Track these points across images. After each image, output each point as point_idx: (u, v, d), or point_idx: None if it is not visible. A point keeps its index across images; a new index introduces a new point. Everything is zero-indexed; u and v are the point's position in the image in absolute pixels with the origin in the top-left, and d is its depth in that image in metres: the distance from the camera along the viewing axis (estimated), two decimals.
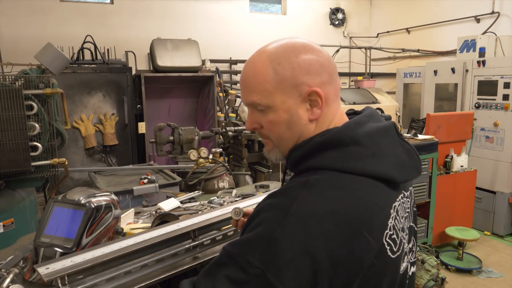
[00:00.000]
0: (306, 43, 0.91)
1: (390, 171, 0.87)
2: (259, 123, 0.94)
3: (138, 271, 1.20)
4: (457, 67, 5.08)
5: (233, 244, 0.82)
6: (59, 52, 2.98)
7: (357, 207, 0.80)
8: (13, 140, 2.57)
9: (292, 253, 0.75)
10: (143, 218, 1.92)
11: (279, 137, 0.93)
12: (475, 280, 3.72)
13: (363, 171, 0.84)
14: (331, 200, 0.80)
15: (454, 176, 4.32)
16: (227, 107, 5.96)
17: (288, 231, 0.76)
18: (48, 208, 1.32)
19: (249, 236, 0.80)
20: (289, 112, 0.89)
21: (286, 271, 0.74)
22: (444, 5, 6.49)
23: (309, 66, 0.87)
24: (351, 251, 0.77)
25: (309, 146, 0.88)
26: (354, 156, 0.84)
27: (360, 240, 0.79)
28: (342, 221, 0.78)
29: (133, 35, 6.04)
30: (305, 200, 0.79)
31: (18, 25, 5.38)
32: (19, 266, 1.26)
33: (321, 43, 6.76)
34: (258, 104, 0.90)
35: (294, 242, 0.75)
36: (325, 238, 0.76)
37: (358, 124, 0.89)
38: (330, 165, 0.84)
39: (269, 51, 0.90)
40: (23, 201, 2.85)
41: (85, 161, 4.71)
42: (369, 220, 0.81)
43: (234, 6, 6.90)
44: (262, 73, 0.88)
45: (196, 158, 2.90)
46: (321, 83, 0.88)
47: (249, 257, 0.77)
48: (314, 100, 0.88)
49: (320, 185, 0.82)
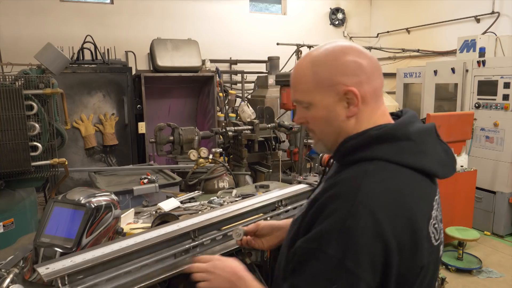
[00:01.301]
0: (346, 46, 0.98)
1: (435, 167, 0.96)
2: (305, 118, 1.04)
3: (138, 271, 1.20)
4: (457, 67, 5.07)
5: (308, 240, 0.89)
6: (59, 52, 2.98)
7: (412, 196, 0.90)
8: (13, 140, 2.57)
9: (365, 239, 0.82)
10: (143, 218, 1.92)
11: (321, 131, 1.03)
12: (475, 280, 3.72)
13: (413, 165, 0.92)
14: (391, 188, 0.88)
15: (454, 176, 4.23)
16: (227, 107, 5.96)
17: (358, 219, 0.83)
18: (48, 208, 1.32)
19: (321, 229, 0.87)
20: (327, 109, 0.98)
21: (362, 256, 0.82)
22: (444, 5, 6.48)
23: (346, 68, 0.95)
24: (412, 236, 0.87)
25: (364, 138, 0.95)
26: (406, 151, 0.93)
27: (417, 226, 0.88)
28: (403, 208, 0.87)
29: (133, 35, 6.04)
30: (369, 188, 0.86)
31: (18, 25, 5.38)
32: (19, 266, 1.26)
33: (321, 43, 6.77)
34: (302, 102, 1.01)
35: (366, 228, 0.82)
36: (391, 223, 0.84)
37: (409, 123, 0.97)
38: (384, 156, 0.92)
39: (312, 55, 1.00)
40: (23, 201, 2.85)
41: (85, 161, 4.71)
42: (422, 209, 0.91)
43: (234, 6, 6.90)
44: (304, 75, 0.99)
45: (196, 158, 2.90)
46: (358, 82, 0.95)
47: (326, 248, 0.84)
48: (351, 99, 0.95)
49: (380, 174, 0.89)
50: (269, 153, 4.48)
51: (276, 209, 1.70)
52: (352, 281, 0.82)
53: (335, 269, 0.83)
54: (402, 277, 0.86)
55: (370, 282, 0.83)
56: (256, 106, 5.00)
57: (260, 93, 5.98)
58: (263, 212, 1.66)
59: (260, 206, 1.63)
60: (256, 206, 1.62)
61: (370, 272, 0.83)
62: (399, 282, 0.86)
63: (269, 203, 1.67)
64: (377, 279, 0.84)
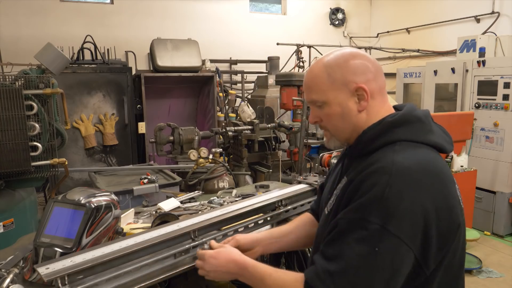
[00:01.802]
0: (353, 51, 1.13)
1: (442, 143, 1.09)
2: (319, 117, 1.15)
3: (138, 271, 1.20)
4: (457, 67, 5.07)
5: (348, 211, 0.98)
6: (59, 52, 2.98)
7: (438, 165, 1.02)
8: (13, 140, 2.56)
9: (404, 206, 0.91)
10: (143, 218, 1.92)
11: (335, 127, 1.13)
12: (475, 280, 3.72)
13: (428, 141, 1.06)
14: (420, 161, 0.99)
15: (454, 176, 4.31)
16: (227, 107, 5.96)
17: (396, 189, 0.92)
18: (48, 208, 1.32)
19: (362, 201, 0.95)
20: (341, 106, 1.09)
21: (402, 221, 0.91)
22: (444, 5, 6.48)
23: (355, 68, 1.08)
24: (446, 199, 0.98)
25: (382, 125, 1.07)
26: (420, 130, 1.07)
27: (449, 190, 1.00)
28: (435, 176, 0.99)
29: (133, 35, 6.04)
30: (401, 162, 0.97)
31: (18, 25, 5.38)
32: (19, 266, 1.26)
33: (321, 43, 6.79)
34: (316, 101, 1.12)
35: (404, 196, 0.92)
36: (427, 190, 0.95)
37: (414, 109, 1.11)
38: (403, 137, 1.04)
39: (324, 60, 1.12)
40: (23, 201, 2.85)
41: (85, 161, 4.71)
42: (448, 175, 1.04)
43: (234, 6, 6.90)
44: (319, 77, 1.11)
45: (196, 158, 2.90)
46: (366, 80, 1.08)
47: (368, 217, 0.92)
48: (361, 94, 1.08)
49: (407, 150, 1.01)
50: (269, 153, 4.48)
51: (276, 209, 1.70)
52: (394, 243, 0.90)
53: (378, 233, 0.90)
54: (443, 236, 0.95)
55: (410, 244, 0.91)
56: (256, 106, 5.00)
57: (260, 93, 5.98)
58: (263, 212, 1.66)
59: (260, 206, 1.63)
60: (256, 206, 1.62)
61: (410, 235, 0.91)
62: (440, 241, 0.95)
63: (269, 203, 1.67)
64: (417, 241, 0.92)
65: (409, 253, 0.92)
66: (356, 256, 0.91)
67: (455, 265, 1.03)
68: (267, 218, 1.65)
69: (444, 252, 0.97)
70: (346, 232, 0.95)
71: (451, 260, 1.00)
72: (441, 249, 0.96)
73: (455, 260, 1.03)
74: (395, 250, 0.91)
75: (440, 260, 0.97)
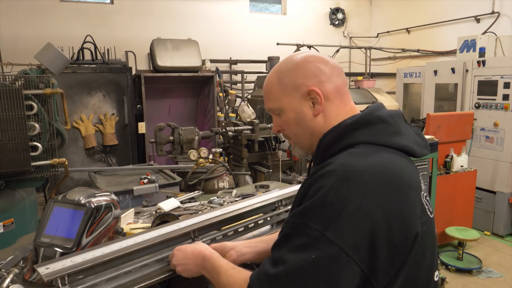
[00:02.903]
0: (305, 54, 1.09)
1: (412, 146, 1.01)
2: (280, 126, 1.12)
3: (138, 271, 1.20)
4: (457, 67, 5.08)
5: (293, 215, 0.93)
6: (59, 52, 2.98)
7: (397, 169, 0.93)
8: (13, 140, 2.56)
9: (347, 212, 0.84)
10: (143, 218, 1.92)
11: (294, 134, 1.11)
12: (475, 280, 3.72)
13: (392, 143, 0.98)
14: (374, 164, 0.91)
15: (454, 176, 4.31)
16: (227, 107, 5.96)
17: (340, 193, 0.86)
18: (48, 208, 1.32)
19: (307, 205, 0.90)
20: (295, 111, 1.06)
21: (343, 228, 0.84)
22: (444, 5, 6.48)
23: (305, 71, 1.04)
24: (400, 207, 0.89)
25: (341, 128, 1.00)
26: (383, 132, 0.99)
27: (406, 197, 0.91)
28: (388, 180, 0.90)
29: (133, 35, 6.04)
30: (351, 165, 0.90)
31: (18, 25, 5.38)
32: (19, 266, 1.26)
33: (321, 43, 6.78)
34: (273, 109, 1.10)
35: (348, 201, 0.85)
36: (376, 195, 0.86)
37: (378, 109, 1.03)
38: (363, 140, 0.97)
39: (277, 67, 1.11)
40: (23, 201, 2.85)
41: (85, 161, 4.71)
42: (408, 182, 0.94)
43: (234, 6, 6.90)
44: (272, 84, 1.09)
45: (196, 158, 2.90)
46: (319, 82, 1.04)
47: (309, 222, 0.87)
48: (315, 98, 1.04)
49: (362, 153, 0.94)
50: (269, 153, 4.48)
51: (276, 209, 1.70)
52: (333, 252, 0.83)
53: (316, 240, 0.85)
54: (394, 247, 0.87)
55: (352, 254, 0.83)
56: (256, 106, 5.00)
57: (260, 93, 5.97)
58: (263, 212, 1.66)
59: (260, 206, 1.63)
60: (256, 206, 1.62)
61: (352, 244, 0.83)
62: (392, 253, 0.87)
63: (269, 203, 1.67)
64: (362, 251, 0.84)
65: (349, 263, 0.83)
66: (294, 262, 0.86)
67: (419, 282, 0.94)
68: (267, 218, 1.65)
69: (398, 266, 0.88)
70: (289, 237, 0.91)
71: (413, 275, 0.91)
72: (394, 262, 0.87)
73: (420, 275, 0.94)
74: (332, 259, 0.83)
75: (395, 275, 0.88)
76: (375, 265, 0.85)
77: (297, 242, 0.88)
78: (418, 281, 0.94)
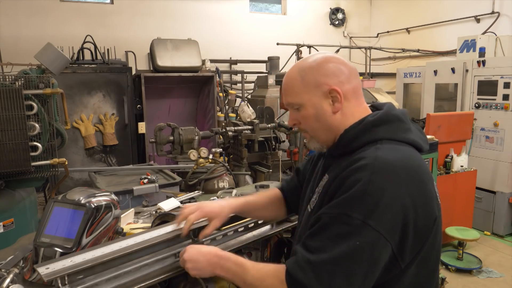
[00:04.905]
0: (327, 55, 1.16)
1: (420, 141, 1.13)
2: (297, 120, 1.19)
3: (138, 271, 1.20)
4: (457, 67, 5.08)
5: (330, 207, 1.01)
6: (59, 52, 2.98)
7: (416, 162, 1.06)
8: (13, 140, 2.56)
9: (385, 202, 0.95)
10: (143, 218, 1.92)
11: (312, 128, 1.18)
12: (475, 280, 3.72)
13: (407, 140, 1.10)
14: (400, 158, 1.03)
15: (454, 176, 4.31)
16: (227, 107, 5.96)
17: (377, 185, 0.96)
18: (48, 208, 1.32)
19: (345, 197, 0.99)
20: (315, 107, 1.13)
21: (382, 216, 0.95)
22: (444, 5, 6.49)
23: (327, 71, 1.12)
24: (424, 195, 1.02)
25: (364, 124, 1.11)
26: (400, 129, 1.11)
27: (426, 186, 1.03)
28: (414, 173, 1.02)
29: (133, 35, 6.04)
30: (383, 159, 1.01)
31: (18, 25, 5.38)
32: (19, 266, 1.26)
33: (321, 43, 6.78)
34: (293, 104, 1.17)
35: (385, 192, 0.96)
36: (406, 185, 0.99)
37: (393, 107, 1.16)
38: (385, 136, 1.08)
39: (299, 65, 1.17)
40: (23, 201, 2.85)
41: (85, 161, 4.71)
42: (426, 172, 1.07)
43: (234, 6, 6.90)
44: (293, 80, 1.16)
45: (196, 158, 2.90)
46: (339, 82, 1.12)
47: (350, 212, 0.96)
48: (335, 96, 1.12)
49: (388, 148, 1.05)
50: (269, 153, 4.48)
51: None
52: (374, 237, 0.94)
53: (358, 227, 0.94)
54: (420, 230, 0.99)
55: (389, 238, 0.95)
56: (256, 106, 5.00)
57: (260, 93, 5.97)
58: None
59: None
60: None
61: (389, 230, 0.95)
62: (417, 235, 0.99)
63: None
64: (396, 235, 0.96)
65: (386, 246, 0.96)
66: (338, 249, 0.95)
67: (432, 260, 1.07)
68: None
69: (420, 246, 1.01)
70: (328, 227, 0.99)
71: (428, 254, 1.05)
72: (417, 243, 1.00)
73: (433, 254, 1.07)
74: (374, 244, 0.94)
75: (416, 254, 1.01)
76: (404, 247, 0.98)
77: (337, 231, 0.97)
78: (432, 259, 1.07)
